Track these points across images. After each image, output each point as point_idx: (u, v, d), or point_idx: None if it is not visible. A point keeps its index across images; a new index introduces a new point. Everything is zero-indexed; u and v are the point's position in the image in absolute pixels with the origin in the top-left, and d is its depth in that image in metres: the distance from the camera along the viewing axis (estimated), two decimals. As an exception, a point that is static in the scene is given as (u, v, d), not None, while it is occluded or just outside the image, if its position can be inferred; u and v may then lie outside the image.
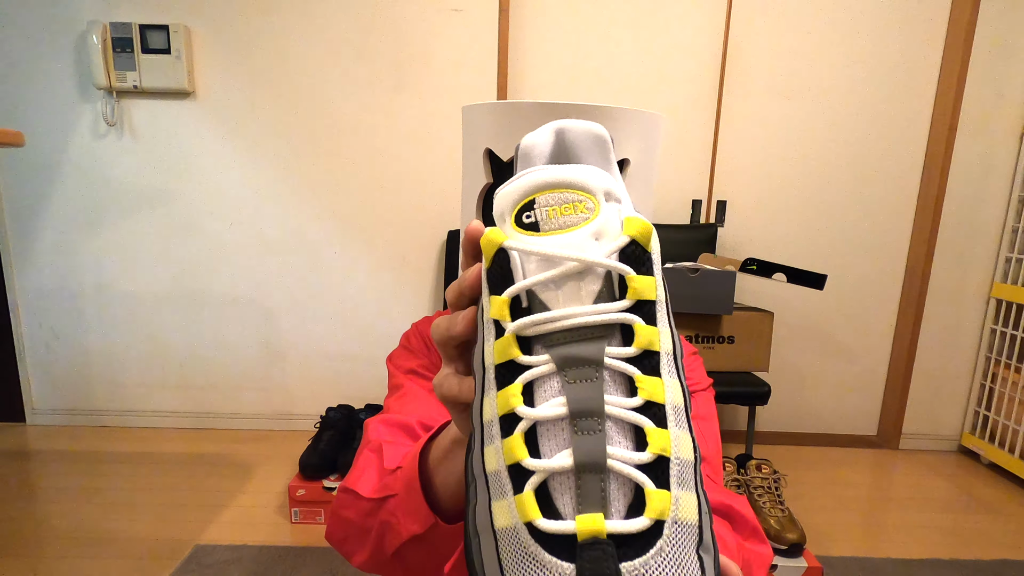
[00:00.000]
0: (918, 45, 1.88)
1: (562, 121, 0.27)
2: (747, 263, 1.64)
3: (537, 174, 0.25)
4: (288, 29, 1.84)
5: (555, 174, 0.24)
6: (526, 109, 0.47)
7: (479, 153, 0.51)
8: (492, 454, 0.22)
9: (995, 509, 1.73)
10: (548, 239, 0.23)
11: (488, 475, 0.23)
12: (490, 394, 0.23)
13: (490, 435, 0.23)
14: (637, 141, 0.49)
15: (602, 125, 0.46)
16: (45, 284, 1.98)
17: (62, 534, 1.43)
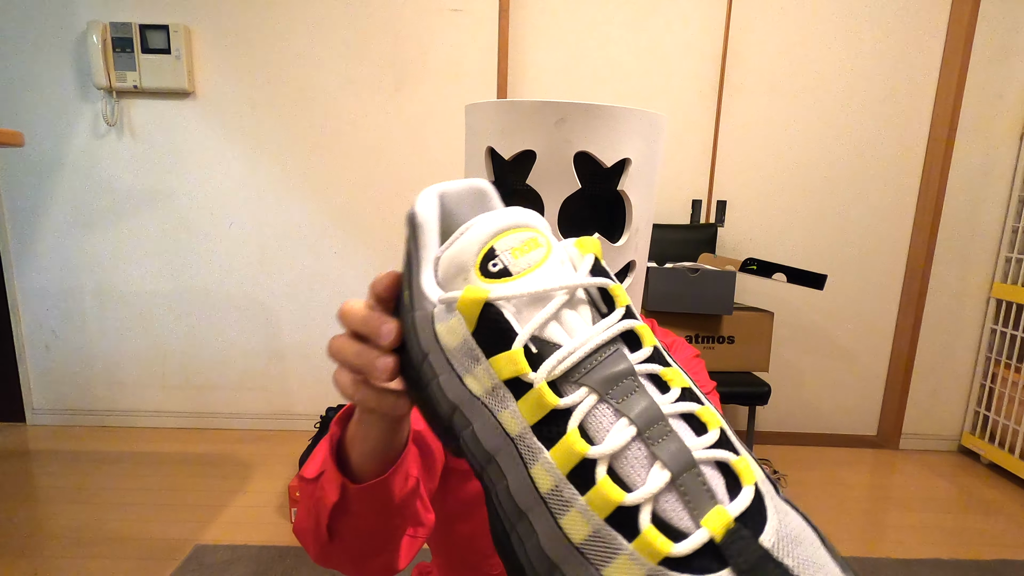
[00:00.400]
0: (918, 45, 1.88)
1: (441, 185, 0.29)
2: (747, 263, 1.64)
3: (485, 224, 0.24)
4: (288, 29, 1.84)
5: (504, 219, 0.25)
6: (528, 107, 0.47)
7: (481, 151, 0.51)
8: (577, 520, 0.20)
9: (995, 509, 1.73)
10: (528, 279, 0.23)
11: (580, 546, 0.20)
12: (539, 461, 0.21)
13: (562, 503, 0.20)
14: (639, 140, 0.49)
15: (605, 123, 0.46)
16: (45, 284, 1.98)
17: (62, 534, 1.43)
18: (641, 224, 0.53)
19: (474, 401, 0.23)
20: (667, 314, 1.57)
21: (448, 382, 0.24)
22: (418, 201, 0.27)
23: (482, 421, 0.23)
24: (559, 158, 0.47)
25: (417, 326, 0.26)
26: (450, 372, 0.24)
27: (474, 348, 0.23)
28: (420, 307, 0.25)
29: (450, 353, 0.24)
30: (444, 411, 0.25)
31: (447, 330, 0.24)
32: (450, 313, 0.23)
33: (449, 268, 0.24)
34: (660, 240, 1.87)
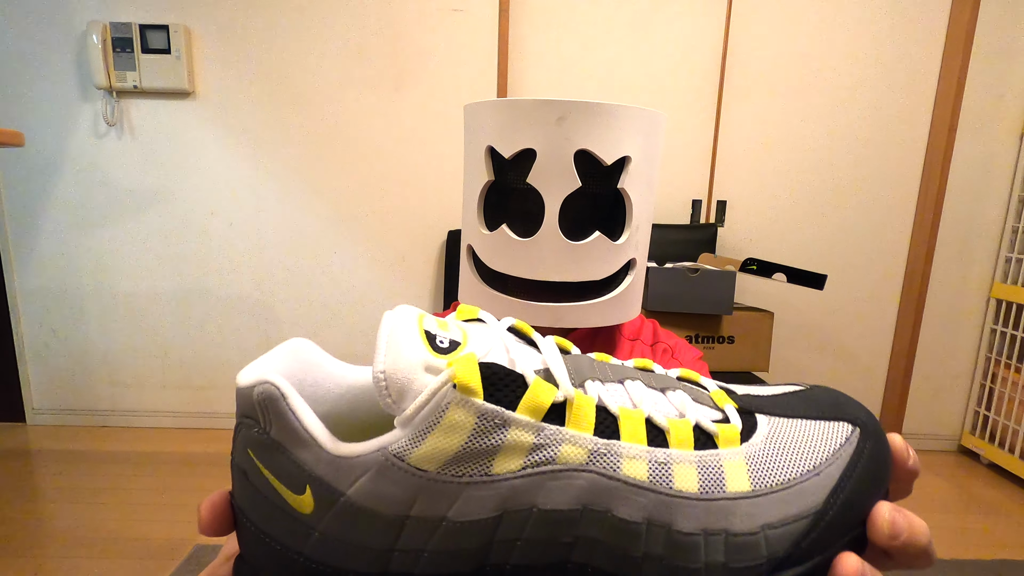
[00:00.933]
0: (918, 45, 1.88)
1: (256, 362, 0.22)
2: (747, 263, 1.64)
3: (398, 319, 0.21)
4: (288, 29, 1.84)
5: (407, 310, 0.22)
6: (528, 106, 0.47)
7: (481, 150, 0.51)
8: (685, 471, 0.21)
9: (995, 509, 1.73)
10: (475, 339, 0.22)
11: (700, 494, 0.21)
12: (622, 457, 0.21)
13: (666, 474, 0.21)
14: (638, 138, 0.49)
15: (605, 121, 0.46)
16: (45, 284, 1.98)
17: (62, 534, 1.43)
18: (641, 222, 0.53)
19: (519, 481, 0.20)
20: (667, 314, 1.57)
21: (469, 501, 0.19)
22: (248, 375, 0.20)
23: (543, 489, 0.20)
24: (559, 156, 0.47)
25: (362, 507, 0.19)
26: (463, 488, 0.19)
27: (494, 415, 0.19)
28: (348, 482, 0.19)
29: (451, 467, 0.19)
30: (476, 544, 0.20)
31: (439, 441, 0.19)
32: (432, 420, 0.19)
33: (399, 376, 0.19)
34: (660, 240, 1.87)
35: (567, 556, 0.20)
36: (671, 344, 0.66)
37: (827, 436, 0.22)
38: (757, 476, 0.21)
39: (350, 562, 0.20)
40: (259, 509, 0.21)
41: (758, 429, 0.22)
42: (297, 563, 0.20)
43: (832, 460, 0.21)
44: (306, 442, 0.20)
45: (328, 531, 0.20)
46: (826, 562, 0.20)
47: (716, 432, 0.22)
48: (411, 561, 0.20)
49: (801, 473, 0.21)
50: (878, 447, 0.22)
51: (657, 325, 0.69)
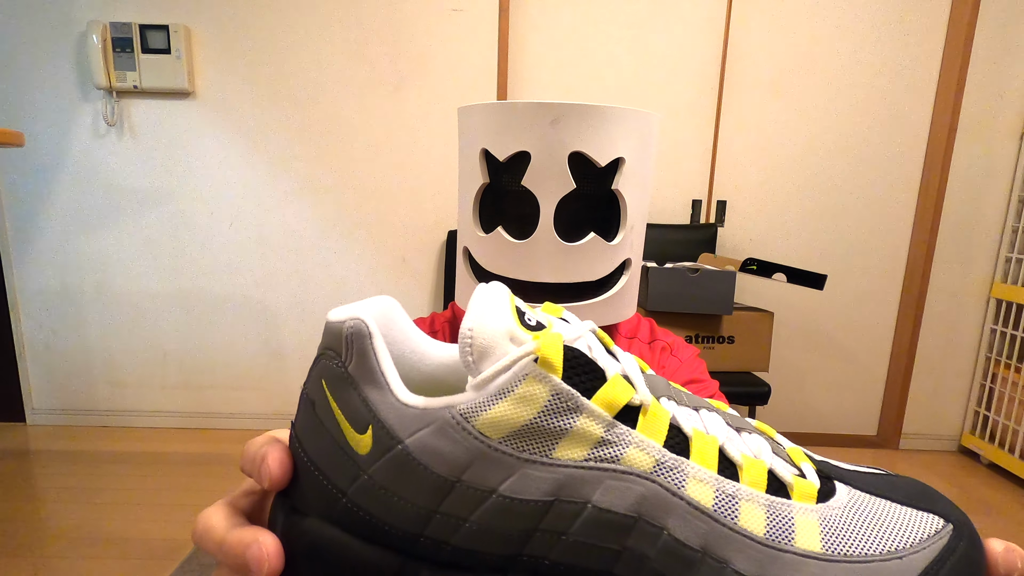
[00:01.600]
0: (918, 45, 1.88)
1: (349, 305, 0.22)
2: (747, 263, 1.64)
3: (493, 290, 0.21)
4: (288, 29, 1.84)
5: (498, 286, 0.22)
6: (522, 109, 0.47)
7: (475, 153, 0.51)
8: (751, 512, 0.20)
9: (995, 509, 1.73)
10: (558, 327, 0.21)
11: (767, 539, 0.20)
12: (688, 477, 0.20)
13: (731, 506, 0.20)
14: (632, 139, 0.49)
15: (598, 123, 0.46)
16: (45, 284, 1.98)
17: (62, 534, 1.43)
18: (636, 222, 0.53)
19: (579, 471, 0.19)
20: (667, 314, 1.57)
21: (524, 479, 0.19)
22: (340, 312, 0.21)
23: (602, 485, 0.19)
24: (554, 158, 0.48)
25: (416, 460, 0.19)
26: (521, 464, 0.19)
27: (569, 397, 0.19)
28: (410, 431, 0.19)
29: (514, 440, 0.19)
30: (520, 528, 0.19)
31: (509, 409, 0.19)
32: (507, 387, 0.19)
33: (485, 338, 0.19)
34: (660, 240, 1.87)
35: (610, 567, 0.19)
36: (669, 342, 0.67)
37: (914, 524, 0.20)
38: (830, 541, 0.19)
39: (389, 514, 0.19)
40: (318, 441, 0.21)
41: (837, 495, 0.21)
42: (339, 502, 0.20)
43: (918, 549, 0.19)
44: (379, 383, 0.20)
45: (377, 476, 0.20)
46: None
47: (791, 483, 0.20)
48: (450, 529, 0.19)
49: (880, 552, 0.19)
50: (973, 551, 0.20)
51: (654, 323, 0.69)
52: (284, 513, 0.21)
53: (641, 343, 0.67)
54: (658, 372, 0.64)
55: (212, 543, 0.21)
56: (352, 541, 0.20)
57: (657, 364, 0.65)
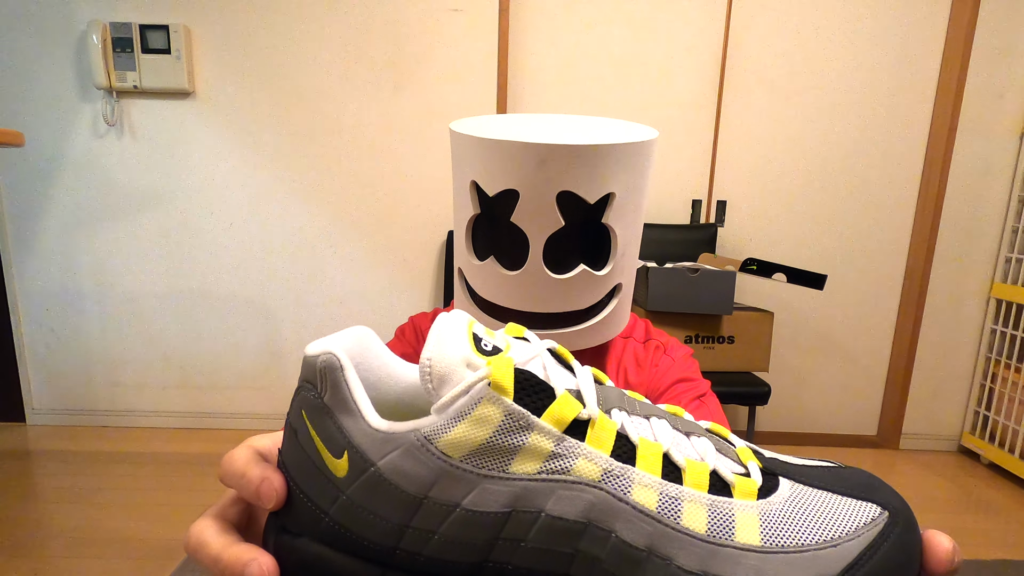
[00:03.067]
0: (918, 45, 1.88)
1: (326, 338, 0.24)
2: (747, 263, 1.64)
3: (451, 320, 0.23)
4: (288, 29, 1.84)
5: (459, 313, 0.24)
6: (509, 148, 0.46)
7: (467, 184, 0.51)
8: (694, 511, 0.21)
9: (995, 509, 1.73)
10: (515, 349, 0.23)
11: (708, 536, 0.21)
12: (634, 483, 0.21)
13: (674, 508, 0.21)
14: (622, 174, 0.49)
15: (587, 162, 0.46)
16: (45, 284, 1.98)
17: (62, 534, 1.43)
18: (627, 249, 0.53)
19: (533, 483, 0.21)
20: (667, 314, 1.57)
21: (484, 493, 0.21)
22: (315, 347, 0.23)
23: (554, 495, 0.21)
24: (542, 198, 0.47)
25: (388, 481, 0.21)
26: (481, 480, 0.21)
27: (520, 417, 0.21)
28: (380, 454, 0.21)
29: (473, 458, 0.21)
30: (483, 537, 0.21)
31: (467, 430, 0.21)
32: (464, 410, 0.21)
33: (443, 366, 0.21)
34: (660, 240, 1.87)
35: (566, 569, 0.21)
36: (663, 342, 0.68)
37: (852, 513, 0.21)
38: (769, 533, 0.21)
39: (367, 530, 0.21)
40: (301, 467, 0.23)
41: (778, 491, 0.22)
42: (322, 522, 0.22)
43: (853, 536, 0.21)
44: (352, 411, 0.22)
45: (354, 496, 0.21)
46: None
47: (733, 482, 0.22)
48: (421, 541, 0.21)
49: (816, 541, 0.21)
50: (908, 536, 0.21)
51: (649, 324, 0.70)
52: (275, 533, 0.23)
53: (636, 342, 0.68)
54: (651, 371, 0.65)
55: (207, 558, 0.22)
56: (336, 556, 0.22)
57: (651, 363, 0.66)
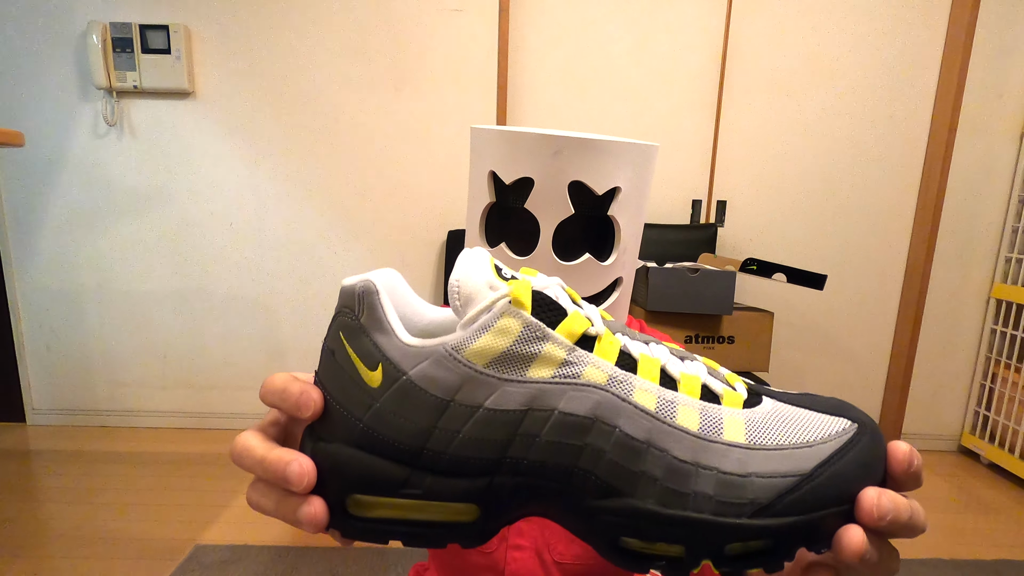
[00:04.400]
0: (918, 45, 1.88)
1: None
2: (747, 263, 1.64)
3: (475, 252, 0.26)
4: (288, 29, 1.84)
5: (482, 250, 0.27)
6: (528, 139, 0.51)
7: (484, 174, 0.55)
8: (687, 413, 0.25)
9: (995, 509, 1.73)
10: (530, 278, 0.26)
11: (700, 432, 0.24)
12: (635, 388, 0.24)
13: (670, 409, 0.25)
14: (629, 170, 0.53)
15: (597, 156, 0.51)
16: (45, 284, 1.98)
17: (62, 534, 1.43)
18: (629, 245, 0.57)
19: (547, 386, 0.24)
20: (667, 314, 1.57)
21: (504, 395, 0.24)
22: (353, 279, 0.26)
23: (566, 396, 0.24)
24: (555, 186, 0.52)
25: (418, 387, 0.24)
26: (502, 384, 0.24)
27: (537, 328, 0.24)
28: (412, 364, 0.24)
29: (495, 365, 0.24)
30: (502, 435, 0.24)
31: (490, 340, 0.24)
32: (488, 323, 0.24)
33: (470, 287, 0.24)
34: (660, 240, 1.87)
35: (575, 460, 0.24)
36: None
37: (826, 424, 0.25)
38: (753, 435, 0.24)
39: (398, 433, 0.24)
40: (337, 380, 0.25)
41: (762, 405, 0.26)
42: (357, 428, 0.25)
43: (827, 440, 0.24)
44: (386, 330, 0.25)
45: (387, 403, 0.24)
46: (810, 524, 0.23)
47: (722, 393, 0.26)
48: (446, 440, 0.24)
49: (794, 443, 0.24)
50: (874, 443, 0.24)
51: (644, 323, 0.71)
52: (312, 440, 0.26)
53: None
54: None
55: (252, 460, 0.25)
56: (369, 457, 0.25)
57: None
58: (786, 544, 0.23)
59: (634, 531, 0.24)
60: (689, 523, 0.23)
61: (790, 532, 0.23)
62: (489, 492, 0.24)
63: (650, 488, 0.24)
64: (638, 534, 0.24)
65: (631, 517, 0.24)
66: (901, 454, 0.24)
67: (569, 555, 0.58)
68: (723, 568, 0.24)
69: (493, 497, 0.24)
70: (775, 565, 0.24)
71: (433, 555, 0.65)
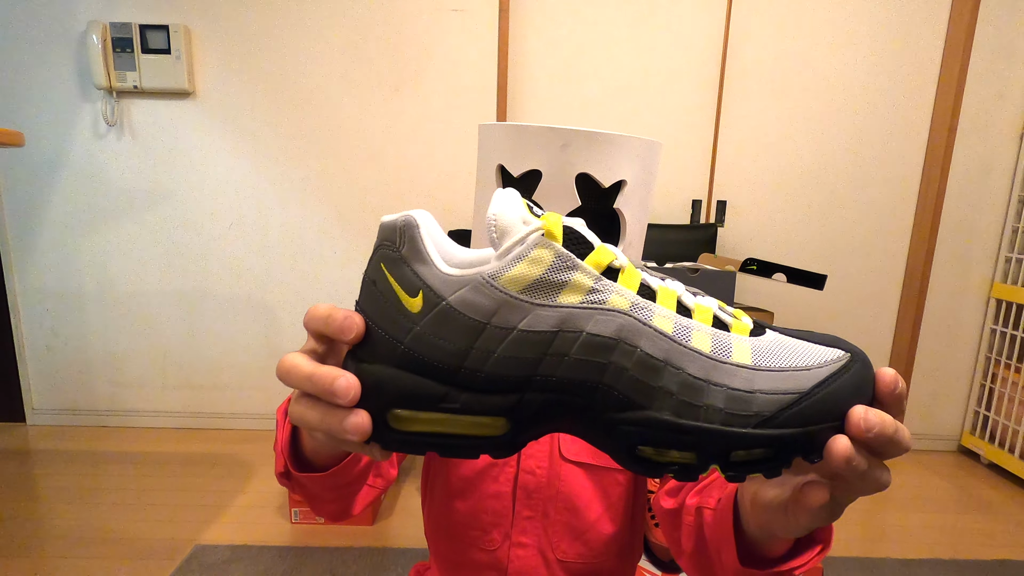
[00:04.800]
0: (918, 45, 1.88)
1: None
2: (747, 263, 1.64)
3: (508, 192, 0.28)
4: (288, 29, 1.84)
5: (513, 190, 0.29)
6: (536, 132, 0.53)
7: (492, 168, 0.56)
8: (700, 337, 0.27)
9: (995, 509, 1.73)
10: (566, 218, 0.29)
11: (711, 354, 0.27)
12: (654, 313, 0.27)
13: (685, 333, 0.27)
14: (634, 164, 0.55)
15: (604, 149, 0.53)
16: (45, 284, 1.98)
17: (62, 534, 1.43)
18: (634, 238, 0.58)
19: (576, 310, 0.26)
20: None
21: (536, 317, 0.26)
22: (392, 216, 0.28)
23: (593, 319, 0.26)
24: (562, 178, 0.53)
25: (457, 311, 0.26)
26: (534, 308, 0.26)
27: (567, 258, 0.26)
28: (451, 291, 0.26)
29: (529, 291, 0.26)
30: (534, 354, 0.26)
31: (525, 269, 0.26)
32: (523, 253, 0.26)
33: (506, 221, 0.26)
34: (660, 240, 1.87)
35: (600, 377, 0.26)
36: None
37: (823, 352, 0.27)
38: (758, 358, 0.27)
39: (437, 353, 0.26)
40: (379, 307, 0.28)
41: (765, 335, 0.28)
42: (398, 349, 0.27)
43: (822, 365, 0.27)
44: (426, 260, 0.27)
45: (427, 326, 0.26)
46: (806, 436, 0.26)
47: (731, 323, 0.28)
48: (483, 359, 0.26)
49: (794, 366, 0.27)
50: (864, 370, 0.27)
51: None
52: (355, 362, 0.28)
53: None
54: None
55: (300, 375, 0.27)
56: (409, 376, 0.27)
57: None
58: (785, 452, 0.26)
59: (651, 439, 0.26)
60: (700, 432, 0.26)
61: (789, 442, 0.26)
62: (519, 407, 0.26)
63: (667, 401, 0.26)
64: (654, 442, 0.26)
65: (649, 427, 0.26)
66: (888, 378, 0.27)
67: (572, 553, 0.58)
68: (728, 472, 0.26)
69: (523, 412, 0.27)
70: (774, 471, 0.27)
71: (435, 554, 0.65)
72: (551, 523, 0.58)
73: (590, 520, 0.59)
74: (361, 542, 1.45)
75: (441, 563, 0.64)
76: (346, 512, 0.49)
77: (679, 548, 0.50)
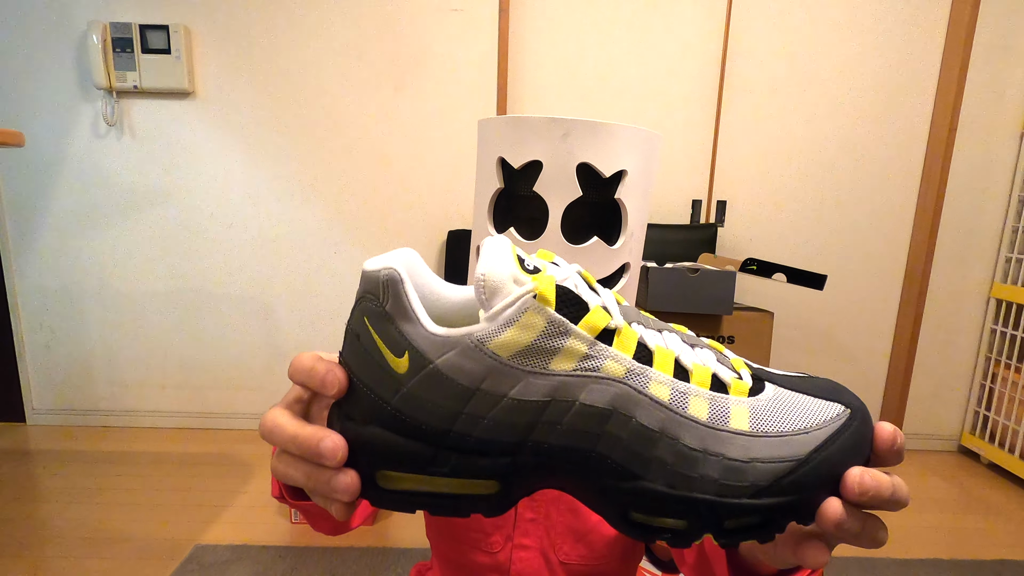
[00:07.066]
0: (918, 45, 1.88)
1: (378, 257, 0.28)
2: (747, 263, 1.64)
3: (497, 242, 0.27)
4: (288, 29, 1.84)
5: (503, 238, 0.28)
6: (537, 123, 0.52)
7: (492, 161, 0.56)
8: (698, 404, 0.26)
9: (995, 509, 1.73)
10: (552, 270, 0.27)
11: (708, 422, 0.26)
12: (651, 380, 0.26)
13: (682, 400, 0.26)
14: (635, 154, 0.54)
15: (605, 138, 0.53)
16: (45, 284, 1.98)
17: (62, 534, 1.43)
18: (636, 229, 0.57)
19: (569, 379, 0.25)
20: (667, 314, 1.57)
21: (528, 385, 0.25)
22: (374, 263, 0.26)
23: (587, 388, 0.25)
24: (563, 168, 0.53)
25: (445, 375, 0.25)
26: (526, 375, 0.25)
27: (560, 324, 0.25)
28: (438, 354, 0.25)
29: (519, 357, 0.25)
30: (525, 421, 0.25)
31: (515, 335, 0.24)
32: (513, 317, 0.24)
33: (495, 281, 0.25)
34: (660, 240, 1.87)
35: (594, 446, 0.25)
36: None
37: (821, 410, 0.27)
38: (756, 423, 0.26)
39: (425, 416, 0.25)
40: (363, 364, 0.26)
41: (764, 392, 0.28)
42: (384, 410, 0.26)
43: (821, 427, 0.26)
44: (412, 319, 0.25)
45: (414, 389, 0.25)
46: (801, 502, 0.25)
47: (730, 383, 0.27)
48: (472, 424, 0.25)
49: (792, 430, 0.26)
50: (863, 428, 0.27)
51: None
52: (341, 419, 0.27)
53: None
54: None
55: (284, 436, 0.27)
56: (396, 438, 0.26)
57: None
58: (779, 519, 0.26)
59: (643, 508, 0.26)
60: (694, 502, 0.25)
61: (784, 510, 0.25)
62: (511, 469, 0.26)
63: (661, 471, 0.25)
64: (647, 510, 0.26)
65: (642, 496, 0.26)
66: (886, 434, 0.26)
67: (574, 555, 0.58)
68: (721, 540, 0.26)
69: (514, 474, 0.26)
70: (767, 537, 0.26)
71: (437, 554, 0.65)
72: (553, 525, 0.58)
73: (592, 522, 0.59)
74: (361, 542, 1.45)
75: (443, 564, 0.63)
76: (343, 528, 0.50)
77: (681, 558, 0.51)
